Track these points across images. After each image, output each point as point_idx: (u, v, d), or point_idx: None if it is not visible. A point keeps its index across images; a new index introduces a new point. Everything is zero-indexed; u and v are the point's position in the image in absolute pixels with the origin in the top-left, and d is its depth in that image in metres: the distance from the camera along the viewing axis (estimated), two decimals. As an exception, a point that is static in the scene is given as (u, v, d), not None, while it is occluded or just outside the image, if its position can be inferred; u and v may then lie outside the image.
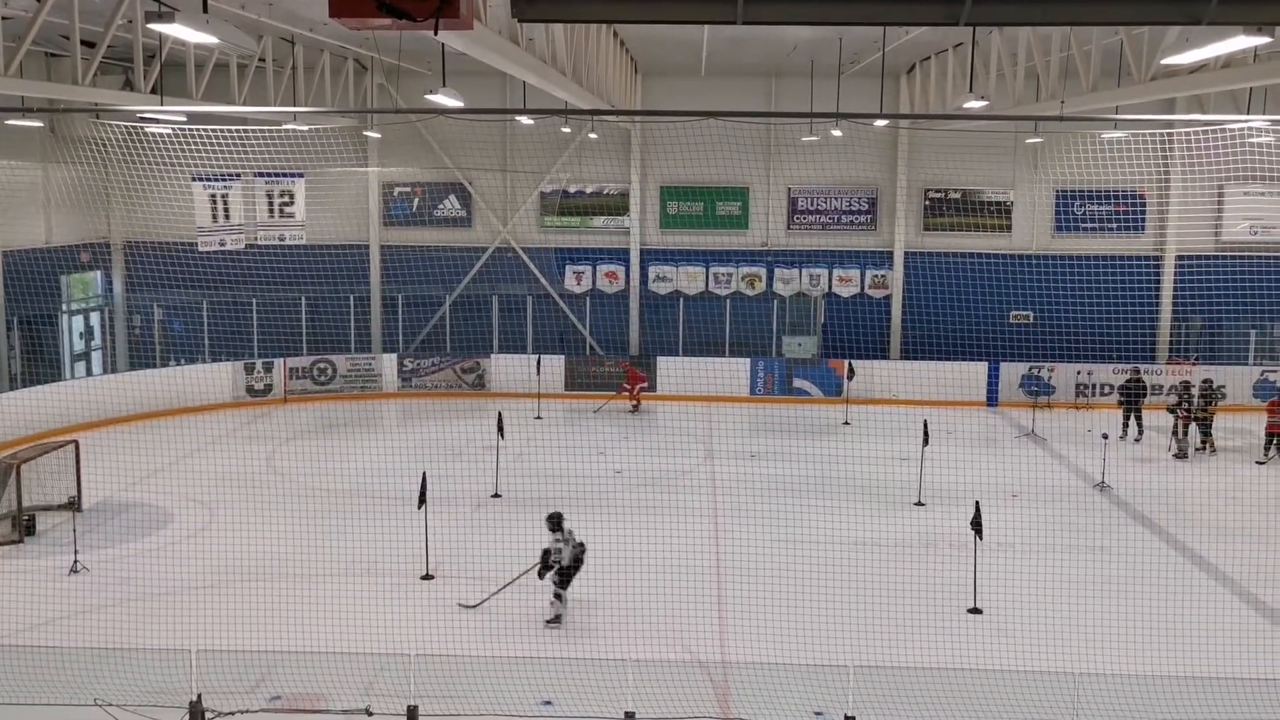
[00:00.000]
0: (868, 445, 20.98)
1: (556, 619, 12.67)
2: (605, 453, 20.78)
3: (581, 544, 12.81)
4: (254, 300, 25.95)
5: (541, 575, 12.63)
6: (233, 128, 20.11)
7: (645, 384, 25.64)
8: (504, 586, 13.16)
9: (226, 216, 21.94)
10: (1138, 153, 22.46)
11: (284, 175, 22.65)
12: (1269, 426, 20.96)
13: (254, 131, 20.42)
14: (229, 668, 10.53)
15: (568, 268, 28.24)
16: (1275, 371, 25.30)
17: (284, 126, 21.38)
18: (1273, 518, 16.98)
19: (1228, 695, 9.78)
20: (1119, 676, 10.31)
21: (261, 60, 20.26)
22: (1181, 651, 11.92)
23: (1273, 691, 9.53)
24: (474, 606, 13.14)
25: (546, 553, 12.61)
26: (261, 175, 22.37)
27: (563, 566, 12.60)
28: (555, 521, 12.77)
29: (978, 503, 13.26)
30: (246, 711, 9.87)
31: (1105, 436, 19.39)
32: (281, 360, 25.67)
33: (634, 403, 25.30)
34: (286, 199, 22.76)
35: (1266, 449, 20.90)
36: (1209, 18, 6.22)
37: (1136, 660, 11.42)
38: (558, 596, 12.65)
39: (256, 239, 22.86)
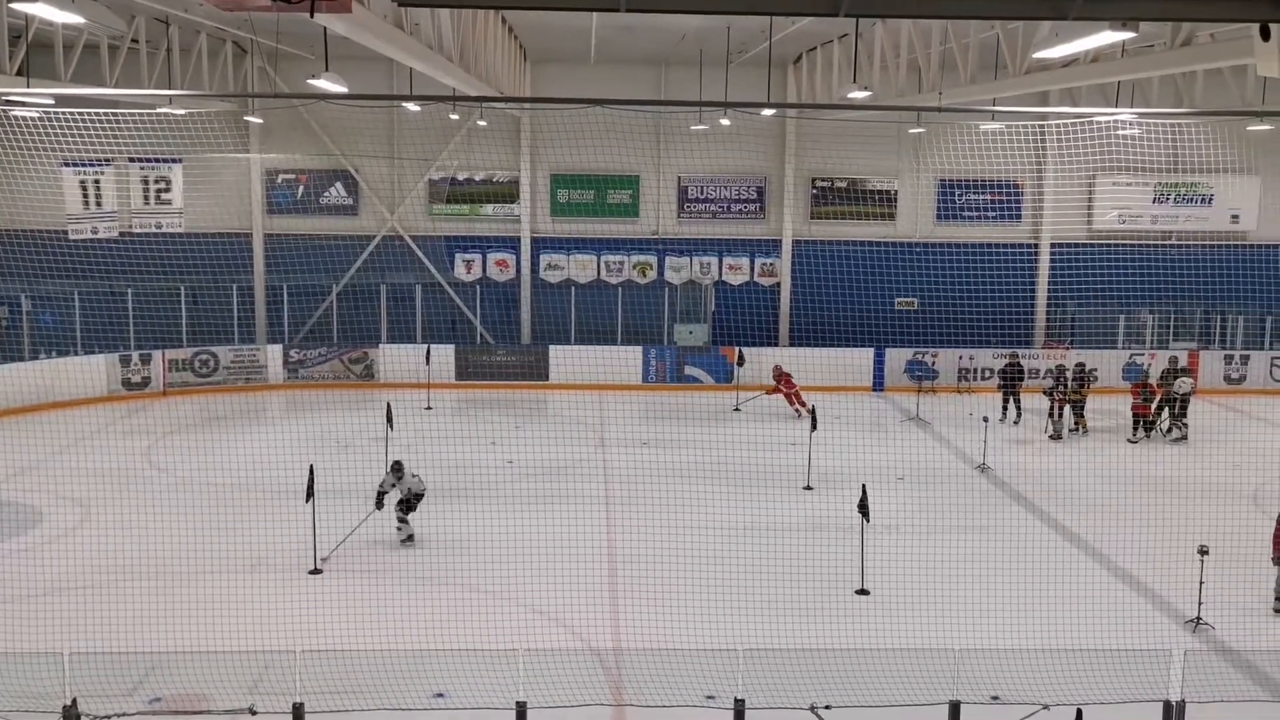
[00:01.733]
0: (758, 431, 21.29)
1: (409, 538, 15.04)
2: (497, 443, 20.65)
3: (418, 479, 15.17)
4: (130, 290, 25.04)
5: (379, 507, 14.90)
6: (104, 111, 19.35)
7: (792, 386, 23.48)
8: (349, 535, 14.65)
9: (99, 203, 21.16)
10: (1014, 144, 23.14)
11: (160, 161, 21.92)
12: (1134, 407, 21.91)
13: (127, 115, 19.68)
14: (106, 670, 10.15)
15: (457, 256, 27.96)
16: (1142, 355, 26.41)
17: (159, 110, 20.67)
18: (1141, 495, 17.73)
19: (1100, 666, 10.19)
20: (997, 651, 10.65)
21: (134, 41, 19.52)
22: (1055, 625, 12.40)
23: (1143, 661, 9.96)
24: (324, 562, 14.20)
25: (381, 493, 14.96)
26: (136, 161, 21.61)
27: (401, 500, 15.01)
28: (395, 468, 15.06)
29: (865, 486, 13.55)
30: (124, 715, 9.55)
31: (985, 419, 19.99)
32: (160, 352, 24.84)
33: (796, 407, 23.10)
34: (163, 185, 22.06)
35: (1135, 429, 21.82)
36: (1075, 14, 6.44)
37: (1013, 634, 11.81)
38: (401, 521, 15.04)
39: (131, 226, 22.08)
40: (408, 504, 15.02)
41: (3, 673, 10.08)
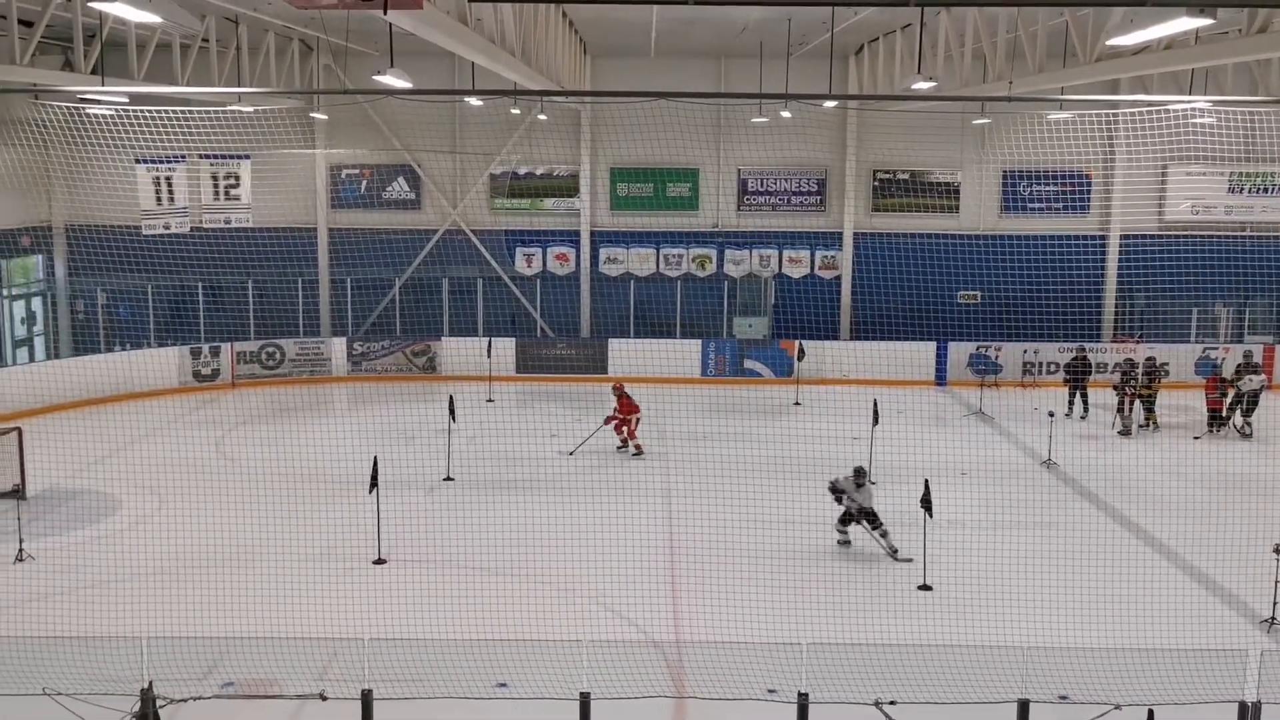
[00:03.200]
0: (818, 425, 21.14)
1: (842, 544, 14.57)
2: (557, 435, 20.76)
3: (867, 489, 14.38)
4: (200, 284, 25.58)
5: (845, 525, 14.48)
6: (176, 109, 19.79)
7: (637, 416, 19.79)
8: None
9: (171, 199, 21.58)
10: (1083, 133, 22.78)
11: (229, 157, 22.32)
12: (1209, 403, 21.45)
13: (198, 113, 20.12)
14: (180, 655, 10.41)
15: (518, 250, 28.13)
16: (1215, 349, 25.83)
17: (228, 108, 21.08)
18: (1212, 492, 17.37)
19: (1169, 666, 10.01)
20: (1066, 650, 10.51)
21: (205, 40, 19.90)
22: (1125, 623, 12.19)
23: (1217, 662, 9.76)
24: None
25: (844, 503, 14.44)
26: (206, 157, 22.03)
27: (850, 514, 14.46)
28: (857, 473, 14.59)
29: (927, 481, 13.42)
30: (199, 698, 9.78)
31: (1051, 414, 19.69)
32: (229, 345, 25.34)
33: (624, 441, 19.84)
34: (232, 181, 22.43)
35: (1210, 425, 21.36)
36: (1153, -1, 6.31)
37: (1082, 633, 11.66)
38: (840, 530, 14.55)
39: (202, 222, 22.52)
40: (869, 517, 14.20)
41: (83, 656, 10.36)
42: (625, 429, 19.68)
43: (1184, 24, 9.01)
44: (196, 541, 14.34)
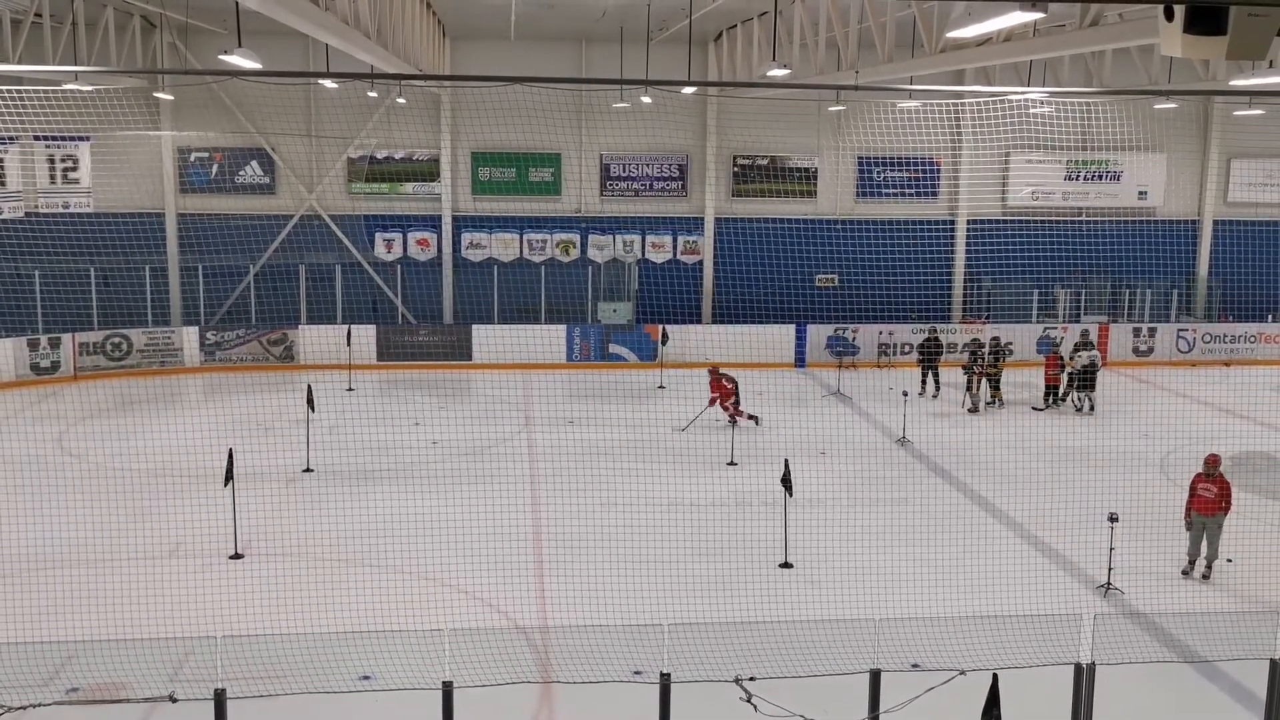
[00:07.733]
0: (682, 408, 21.41)
1: None
2: (421, 423, 20.49)
3: None
4: (37, 272, 24.31)
5: None
6: (7, 88, 18.72)
7: (733, 398, 19.78)
8: None
9: (2, 183, 20.46)
10: (931, 122, 23.54)
11: (66, 139, 21.27)
12: (1047, 379, 22.55)
13: (31, 92, 19.09)
14: (20, 661, 9.90)
15: (378, 235, 27.62)
16: (1054, 328, 27.08)
17: (64, 87, 20.06)
18: (1054, 465, 18.22)
19: (1015, 631, 10.47)
20: (918, 620, 10.90)
21: (38, 15, 18.89)
22: (974, 593, 12.72)
23: (1056, 626, 10.26)
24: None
25: None
26: (41, 139, 20.93)
27: None
28: None
29: (787, 460, 13.72)
30: (40, 705, 9.35)
31: (905, 394, 20.35)
32: (70, 335, 24.17)
33: (732, 418, 19.54)
34: (70, 164, 21.40)
35: (1046, 399, 22.44)
36: (987, -7, 6.56)
37: (933, 603, 12.11)
38: None
39: (37, 206, 21.41)
40: None
41: (-90, 667, 9.79)
42: (727, 407, 19.59)
43: (1018, 17, 9.41)
44: (37, 542, 13.68)
